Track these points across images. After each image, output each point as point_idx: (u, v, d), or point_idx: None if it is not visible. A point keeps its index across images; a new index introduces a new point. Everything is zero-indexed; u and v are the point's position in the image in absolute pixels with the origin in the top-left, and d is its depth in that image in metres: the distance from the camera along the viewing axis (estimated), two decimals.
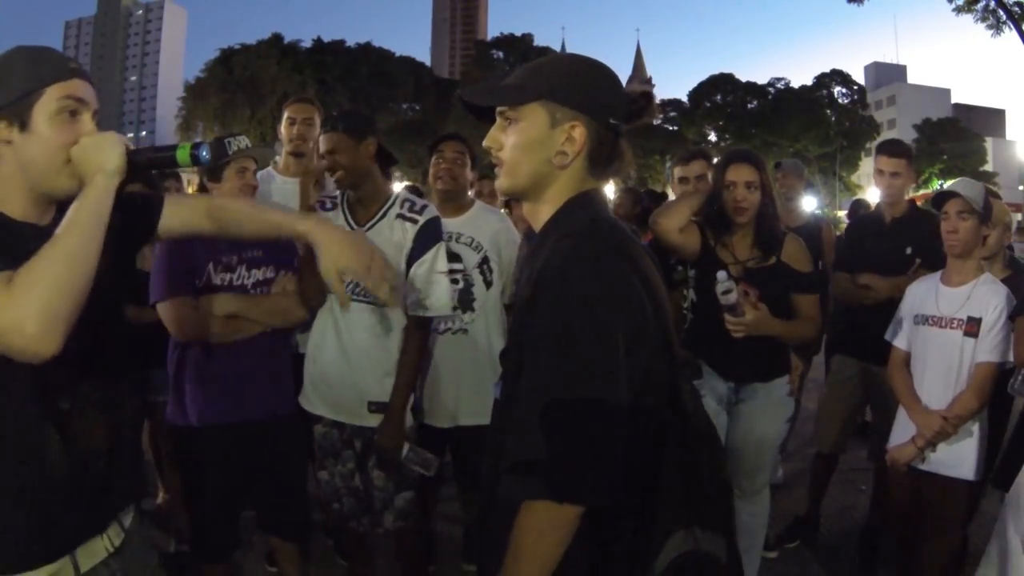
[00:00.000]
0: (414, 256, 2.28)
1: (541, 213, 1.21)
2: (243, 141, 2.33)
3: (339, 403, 2.33)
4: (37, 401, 1.20)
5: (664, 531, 1.06)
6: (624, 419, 1.03)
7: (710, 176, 2.87)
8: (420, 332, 2.32)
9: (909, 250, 3.07)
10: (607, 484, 1.03)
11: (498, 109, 1.19)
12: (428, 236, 2.29)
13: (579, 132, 1.14)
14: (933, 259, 2.82)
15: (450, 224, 2.54)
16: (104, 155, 1.20)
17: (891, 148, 3.26)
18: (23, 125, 1.20)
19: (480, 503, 1.21)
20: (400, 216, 2.31)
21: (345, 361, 2.30)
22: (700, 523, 1.08)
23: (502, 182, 1.21)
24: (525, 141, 1.16)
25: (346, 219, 2.35)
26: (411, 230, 2.28)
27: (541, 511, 1.04)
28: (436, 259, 2.30)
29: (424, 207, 2.35)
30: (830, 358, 4.13)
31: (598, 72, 1.18)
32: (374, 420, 2.28)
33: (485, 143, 1.21)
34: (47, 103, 1.20)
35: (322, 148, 2.30)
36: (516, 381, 1.10)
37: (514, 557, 1.06)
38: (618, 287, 1.06)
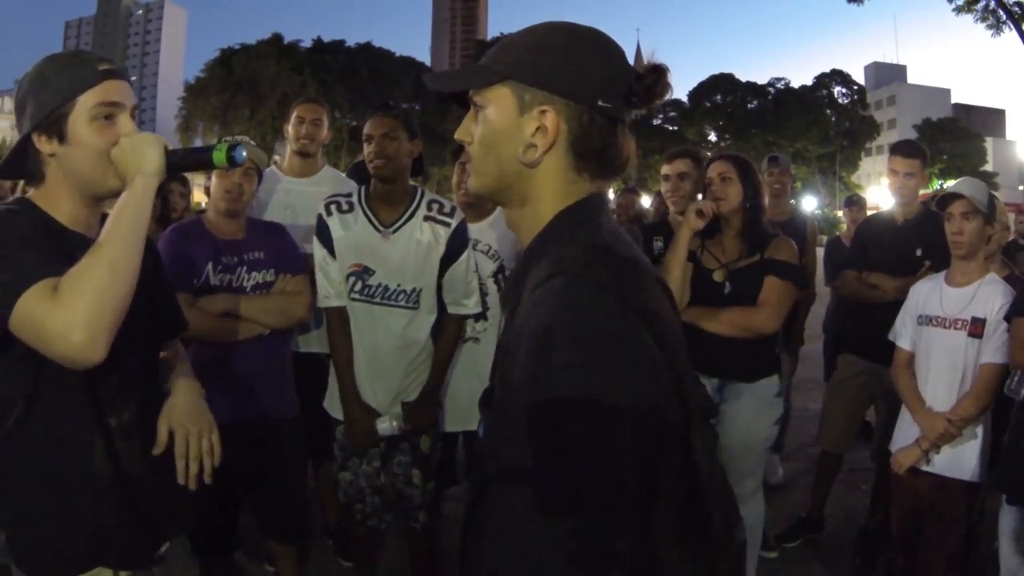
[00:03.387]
0: (450, 258, 2.31)
1: (525, 222, 0.96)
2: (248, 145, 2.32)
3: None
4: (87, 414, 1.24)
5: None
6: (631, 528, 0.78)
7: (694, 174, 2.86)
8: (458, 329, 2.39)
9: (919, 251, 3.05)
10: (597, 561, 0.76)
11: (469, 95, 0.96)
12: (461, 238, 2.34)
13: (551, 119, 0.90)
14: (943, 261, 2.82)
15: (470, 230, 2.52)
16: (143, 157, 1.20)
17: (905, 149, 3.24)
18: (62, 137, 1.22)
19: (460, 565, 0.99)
20: (429, 218, 2.30)
21: (371, 364, 2.30)
22: None
23: (471, 181, 1.00)
24: (489, 132, 0.94)
25: (368, 220, 2.30)
26: (443, 233, 2.30)
27: None
28: (469, 259, 2.37)
29: (453, 208, 2.36)
30: (832, 357, 4.12)
31: (582, 41, 0.92)
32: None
33: (456, 135, 1.00)
34: (81, 112, 1.22)
35: (375, 130, 2.24)
36: (494, 436, 0.87)
37: None
38: (619, 349, 0.81)
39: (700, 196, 2.67)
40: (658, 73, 0.93)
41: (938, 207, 2.54)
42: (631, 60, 0.97)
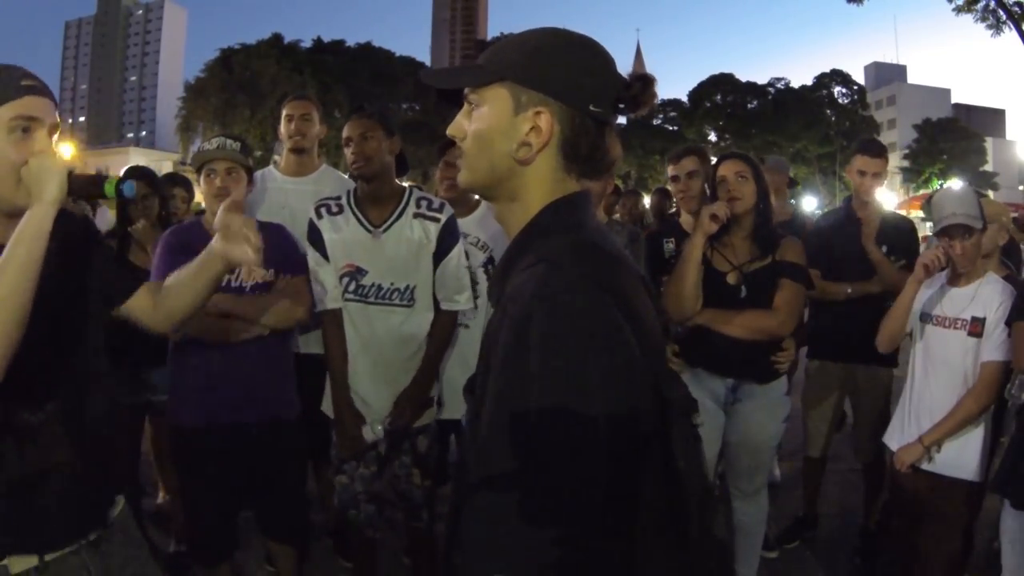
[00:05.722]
0: (441, 254, 2.34)
1: (513, 217, 1.01)
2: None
3: (365, 405, 2.32)
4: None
5: None
6: (598, 491, 0.83)
7: (701, 171, 2.86)
8: (450, 325, 2.40)
9: (885, 248, 3.08)
10: (578, 563, 0.83)
11: (464, 92, 1.00)
12: (451, 233, 2.36)
13: (545, 120, 0.94)
14: (907, 258, 2.82)
15: (459, 224, 2.56)
16: (44, 184, 1.22)
17: (875, 148, 3.24)
18: None
19: (443, 566, 1.03)
20: (419, 215, 2.33)
21: (369, 363, 2.30)
22: None
23: (462, 176, 1.03)
24: (484, 129, 0.97)
25: (358, 220, 2.32)
26: (434, 229, 2.33)
27: None
28: (460, 255, 2.38)
29: (442, 205, 2.39)
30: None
31: (578, 49, 0.97)
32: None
33: (448, 131, 1.02)
34: None
35: (352, 132, 2.28)
36: (478, 423, 0.92)
37: None
38: (593, 328, 0.85)
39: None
40: (645, 82, 0.98)
41: (936, 236, 2.50)
42: (631, 60, 0.99)
